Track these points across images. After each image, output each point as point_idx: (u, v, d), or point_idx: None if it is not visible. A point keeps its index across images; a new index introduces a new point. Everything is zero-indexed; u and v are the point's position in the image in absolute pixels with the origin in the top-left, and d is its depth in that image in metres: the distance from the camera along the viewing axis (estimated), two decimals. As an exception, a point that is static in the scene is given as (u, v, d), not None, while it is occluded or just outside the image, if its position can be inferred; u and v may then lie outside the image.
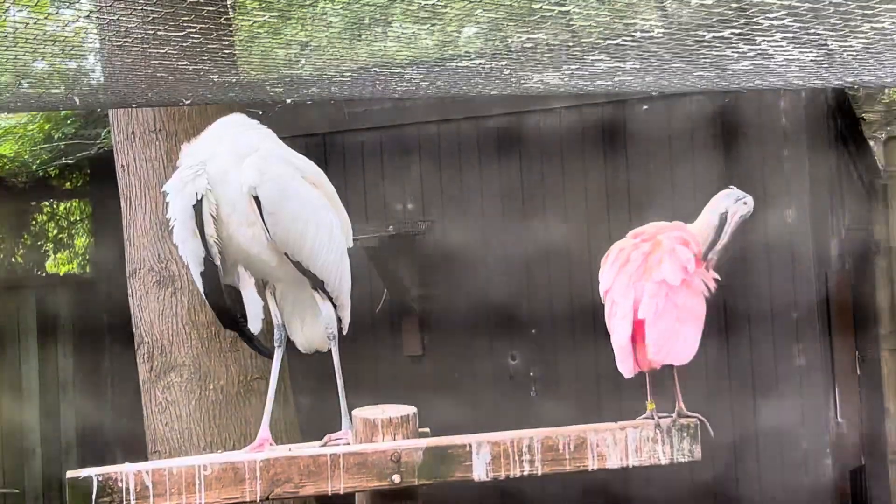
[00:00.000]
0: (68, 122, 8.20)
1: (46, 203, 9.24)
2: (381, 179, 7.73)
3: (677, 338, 3.35)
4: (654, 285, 3.37)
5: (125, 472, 3.21)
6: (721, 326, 6.80)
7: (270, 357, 3.68)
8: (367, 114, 7.72)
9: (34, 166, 8.37)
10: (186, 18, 3.47)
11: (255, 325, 3.67)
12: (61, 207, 9.40)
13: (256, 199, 3.31)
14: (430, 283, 7.57)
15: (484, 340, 7.46)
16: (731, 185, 3.62)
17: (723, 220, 3.52)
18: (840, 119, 7.64)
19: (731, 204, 3.53)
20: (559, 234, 7.29)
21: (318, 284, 3.54)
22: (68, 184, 9.02)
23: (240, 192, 3.31)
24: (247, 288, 3.65)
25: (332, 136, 7.82)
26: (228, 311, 3.61)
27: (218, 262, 3.40)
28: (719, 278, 3.50)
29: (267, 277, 3.58)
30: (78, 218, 9.45)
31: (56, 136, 8.15)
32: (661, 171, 7.03)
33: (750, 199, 3.53)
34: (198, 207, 3.28)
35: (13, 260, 9.07)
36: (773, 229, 6.80)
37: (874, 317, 8.35)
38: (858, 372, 7.67)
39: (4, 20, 3.67)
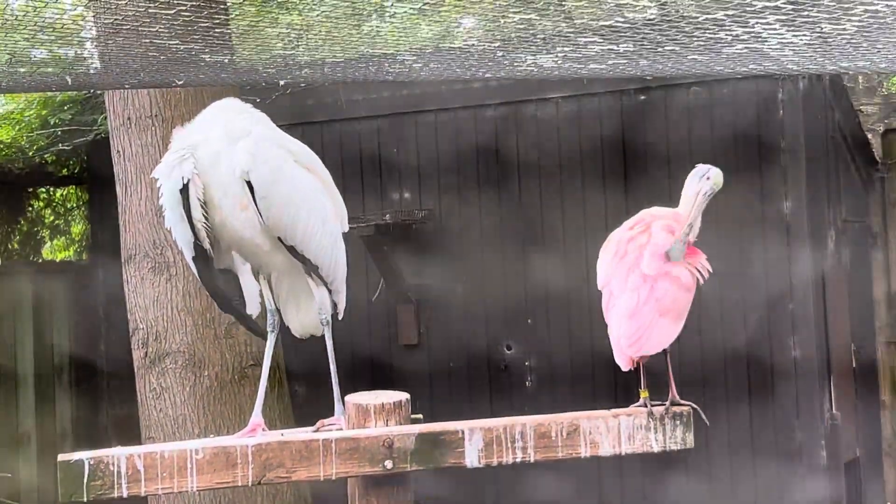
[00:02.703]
0: (65, 107, 8.19)
1: (43, 189, 9.22)
2: (377, 168, 7.73)
3: (654, 331, 3.34)
4: (638, 277, 3.36)
5: (117, 455, 3.21)
6: (717, 317, 6.80)
7: (265, 337, 3.67)
8: (364, 102, 7.71)
9: (31, 152, 8.35)
10: (176, -5, 3.46)
11: (252, 309, 3.67)
12: (58, 194, 9.38)
13: (249, 183, 3.31)
14: (426, 273, 7.56)
15: (479, 330, 7.46)
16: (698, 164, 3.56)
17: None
18: (838, 111, 7.63)
19: (697, 182, 3.48)
20: (555, 223, 7.29)
21: (312, 269, 3.54)
22: (65, 170, 9.00)
23: (232, 175, 3.30)
24: (243, 272, 3.65)
25: (329, 124, 7.80)
26: (224, 294, 3.61)
27: (207, 247, 3.39)
28: (711, 270, 3.48)
29: (261, 263, 3.57)
30: (74, 204, 9.43)
31: (53, 122, 8.13)
32: (657, 161, 7.02)
33: (714, 173, 3.46)
34: (185, 192, 3.27)
35: (9, 246, 9.06)
36: (770, 221, 6.79)
37: (870, 309, 8.34)
38: (854, 364, 7.67)
39: (4, 9, 3.66)
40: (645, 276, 3.35)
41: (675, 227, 3.44)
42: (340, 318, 3.73)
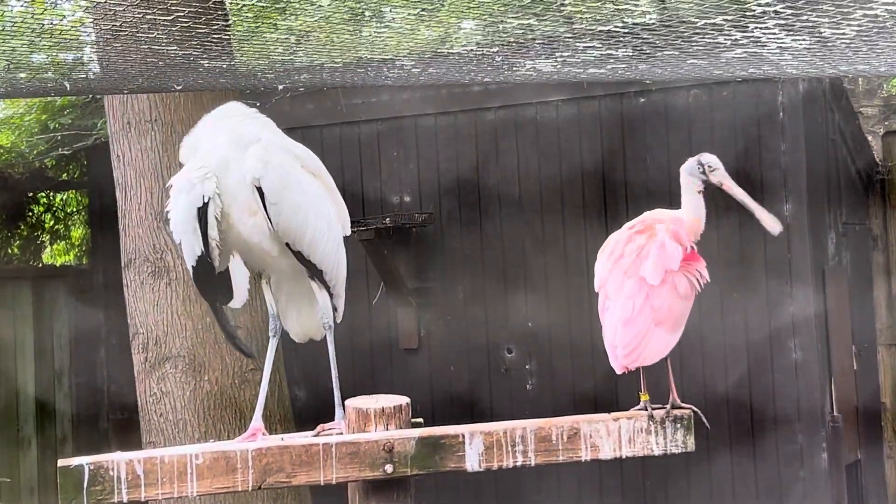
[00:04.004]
0: (65, 112, 8.18)
1: (43, 194, 9.22)
2: (377, 172, 7.72)
3: (649, 341, 3.32)
4: (635, 283, 3.34)
5: (116, 460, 3.21)
6: (717, 320, 6.79)
7: (249, 355, 3.67)
8: (364, 105, 7.71)
9: (31, 157, 8.35)
10: (175, 2, 3.45)
11: (240, 297, 3.67)
12: (58, 198, 9.38)
13: (259, 189, 3.31)
14: (426, 276, 7.56)
15: (480, 333, 7.45)
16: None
17: (704, 197, 3.47)
18: (838, 113, 7.63)
19: (698, 180, 3.46)
20: (556, 225, 7.28)
21: (316, 274, 3.54)
22: (65, 174, 9.00)
23: (242, 182, 3.31)
24: (234, 259, 3.64)
25: (329, 128, 7.80)
26: (216, 296, 3.62)
27: (217, 264, 3.41)
28: (708, 279, 3.47)
29: (265, 267, 3.58)
30: (74, 209, 9.44)
31: (53, 127, 8.13)
32: (657, 164, 7.01)
33: (707, 159, 3.45)
34: (202, 209, 3.28)
35: (9, 251, 9.06)
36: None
37: (871, 311, 8.34)
38: (855, 366, 7.66)
39: (3, 14, 3.66)
40: (641, 284, 3.33)
41: (680, 234, 3.41)
42: (339, 321, 3.73)
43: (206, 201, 3.27)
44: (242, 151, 3.33)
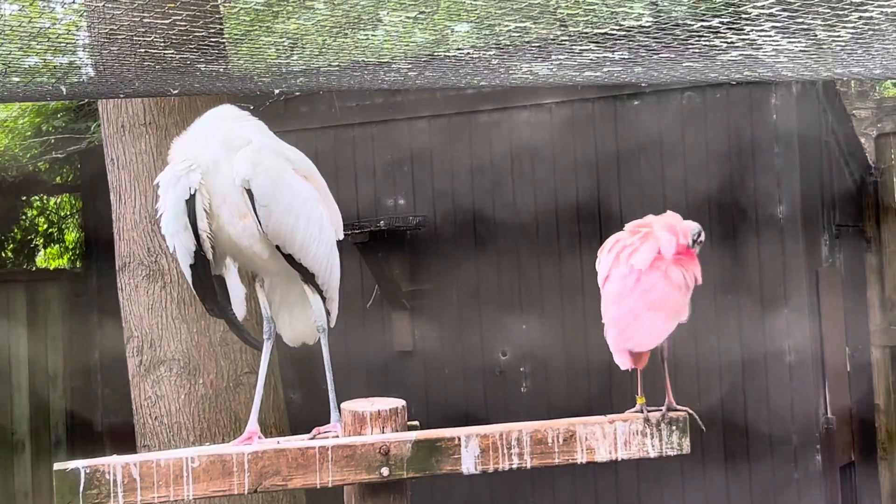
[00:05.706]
0: (58, 115, 8.18)
1: (36, 197, 9.22)
2: (372, 175, 7.72)
3: (641, 322, 3.32)
4: (626, 268, 3.36)
5: (112, 464, 3.20)
6: (711, 322, 6.80)
7: (259, 348, 3.67)
8: (358, 108, 7.71)
9: (24, 160, 8.34)
10: (172, 6, 3.45)
11: (239, 311, 3.66)
12: (51, 202, 9.37)
13: (249, 191, 3.30)
14: (420, 279, 7.56)
15: (474, 336, 7.45)
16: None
17: None
18: (831, 115, 7.65)
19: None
20: (550, 228, 7.29)
21: (308, 278, 3.53)
22: (59, 178, 9.00)
23: (232, 184, 3.29)
24: (230, 276, 3.63)
25: (323, 130, 7.80)
26: (216, 300, 3.60)
27: (210, 257, 3.39)
28: (701, 281, 3.48)
29: (257, 270, 3.57)
30: (68, 212, 9.43)
31: (46, 130, 8.12)
32: (651, 166, 7.03)
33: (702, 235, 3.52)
34: (190, 202, 3.27)
35: (3, 254, 9.04)
36: (764, 225, 6.80)
37: (864, 312, 8.35)
38: (848, 368, 7.68)
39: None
40: (631, 268, 3.35)
41: (675, 228, 3.44)
42: (333, 325, 3.72)
43: (192, 193, 3.25)
44: (233, 154, 3.32)
